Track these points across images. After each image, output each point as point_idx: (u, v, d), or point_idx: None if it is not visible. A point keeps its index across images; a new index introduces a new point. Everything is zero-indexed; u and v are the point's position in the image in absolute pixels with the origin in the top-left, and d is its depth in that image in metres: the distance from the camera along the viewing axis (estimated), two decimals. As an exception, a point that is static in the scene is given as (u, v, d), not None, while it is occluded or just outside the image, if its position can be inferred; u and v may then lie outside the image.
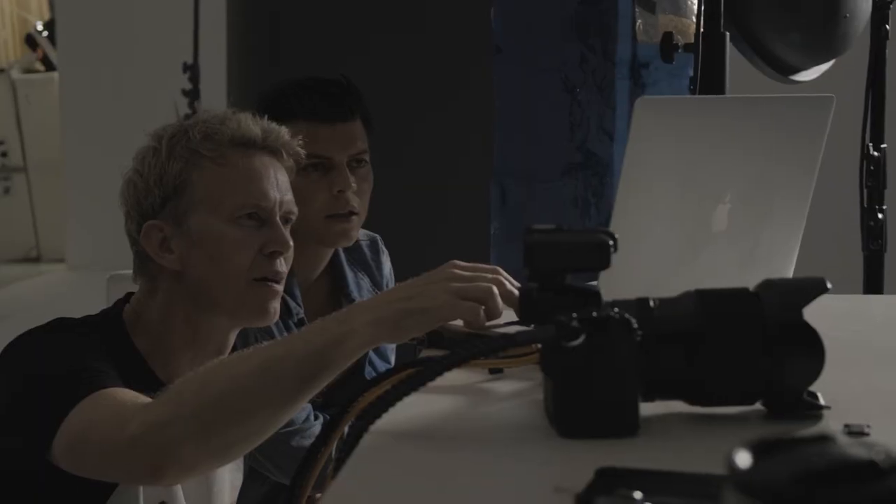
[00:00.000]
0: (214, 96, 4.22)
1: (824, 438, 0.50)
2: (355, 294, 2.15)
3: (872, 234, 2.28)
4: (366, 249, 2.23)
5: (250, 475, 2.14)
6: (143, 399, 1.29)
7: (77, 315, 1.56)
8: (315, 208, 2.01)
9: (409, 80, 3.34)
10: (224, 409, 1.18)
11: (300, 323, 2.04)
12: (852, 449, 0.49)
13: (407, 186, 3.20)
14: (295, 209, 1.59)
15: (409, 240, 2.99)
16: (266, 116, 1.91)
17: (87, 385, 1.32)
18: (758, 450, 0.50)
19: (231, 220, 1.52)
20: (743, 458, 0.49)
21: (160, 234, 1.53)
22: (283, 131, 1.58)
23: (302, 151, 1.62)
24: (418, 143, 3.26)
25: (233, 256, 1.51)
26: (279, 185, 1.56)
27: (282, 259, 1.55)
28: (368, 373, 2.11)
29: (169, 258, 1.53)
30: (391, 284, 2.26)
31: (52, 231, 7.91)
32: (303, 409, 1.98)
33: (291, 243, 1.56)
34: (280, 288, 1.55)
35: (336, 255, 2.15)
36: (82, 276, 6.70)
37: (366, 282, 2.20)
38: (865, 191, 2.28)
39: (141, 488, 1.47)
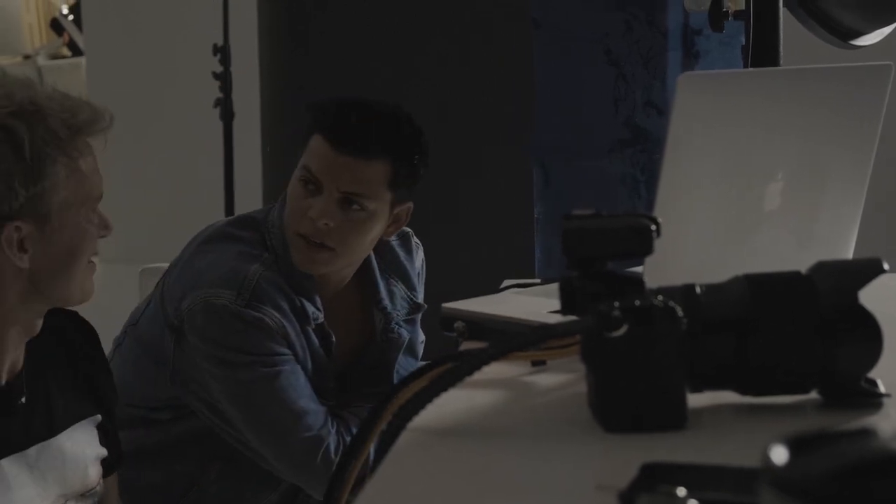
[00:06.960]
0: (246, 79, 4.25)
1: (865, 432, 0.51)
2: (387, 303, 2.11)
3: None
4: (398, 250, 2.17)
5: (260, 481, 2.12)
6: None
7: (112, 308, 1.62)
8: (291, 219, 1.99)
9: (444, 58, 3.34)
10: None
11: (319, 328, 2.02)
12: (894, 443, 0.49)
13: (442, 171, 3.20)
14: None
15: (445, 231, 2.97)
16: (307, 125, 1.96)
17: None
18: (795, 444, 0.51)
19: (87, 215, 1.62)
20: (779, 453, 0.50)
21: (18, 235, 1.58)
22: (88, 108, 1.65)
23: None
24: (454, 125, 3.24)
25: (87, 248, 1.64)
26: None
27: None
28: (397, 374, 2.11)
29: (22, 257, 1.59)
30: (423, 276, 2.23)
31: (83, 223, 8.00)
32: (317, 414, 2.00)
33: (110, 222, 1.67)
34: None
35: (368, 262, 2.11)
36: (116, 270, 6.77)
37: (400, 289, 2.15)
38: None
39: None
